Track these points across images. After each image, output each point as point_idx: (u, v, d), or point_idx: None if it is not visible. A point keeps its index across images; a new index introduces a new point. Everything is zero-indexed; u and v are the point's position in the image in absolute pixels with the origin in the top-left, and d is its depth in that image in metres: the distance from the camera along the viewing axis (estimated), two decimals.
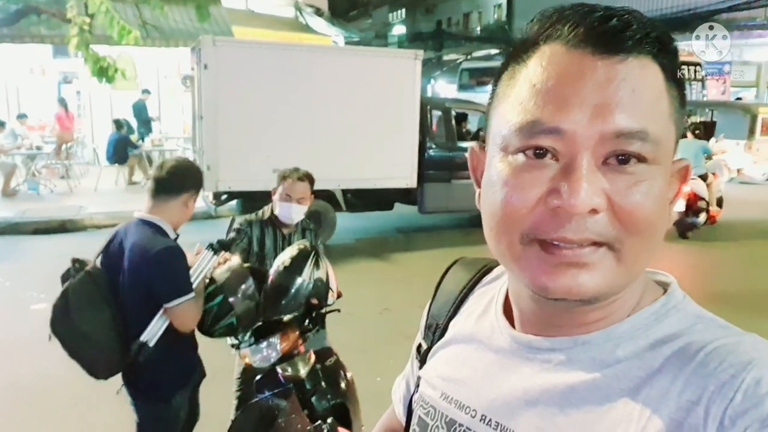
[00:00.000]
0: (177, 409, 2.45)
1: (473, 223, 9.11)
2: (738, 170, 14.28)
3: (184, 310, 2.26)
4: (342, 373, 2.62)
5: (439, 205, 8.54)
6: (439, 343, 0.81)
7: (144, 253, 2.24)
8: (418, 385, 0.82)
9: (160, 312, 2.28)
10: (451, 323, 0.81)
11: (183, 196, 2.39)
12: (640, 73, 0.56)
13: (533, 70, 0.59)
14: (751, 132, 14.03)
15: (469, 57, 26.47)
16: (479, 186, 0.68)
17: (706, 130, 15.15)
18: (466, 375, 0.73)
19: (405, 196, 8.55)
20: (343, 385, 2.58)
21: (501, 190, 0.59)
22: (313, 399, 2.41)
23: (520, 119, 0.58)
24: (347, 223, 8.53)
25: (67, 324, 2.20)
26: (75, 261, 2.29)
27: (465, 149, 9.18)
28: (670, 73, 0.58)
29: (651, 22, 0.57)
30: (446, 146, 8.58)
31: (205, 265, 2.38)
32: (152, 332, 2.27)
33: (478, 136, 9.61)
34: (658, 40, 0.57)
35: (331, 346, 2.70)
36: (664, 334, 0.60)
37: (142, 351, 2.26)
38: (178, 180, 2.39)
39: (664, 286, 0.67)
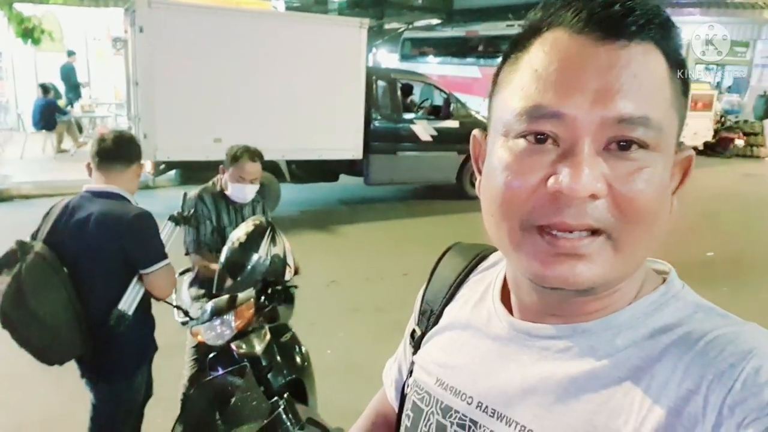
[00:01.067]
0: (138, 387, 2.42)
1: (418, 195, 9.18)
2: None
3: (162, 276, 2.27)
4: (297, 348, 2.60)
5: (384, 177, 8.55)
6: (433, 329, 0.80)
7: (118, 220, 2.19)
8: (411, 371, 0.81)
9: (135, 279, 2.25)
10: (446, 309, 0.81)
11: (134, 165, 2.37)
12: (643, 59, 0.55)
13: (535, 56, 0.58)
14: None
15: (410, 26, 26.33)
16: (480, 174, 0.67)
17: None
18: (463, 362, 0.72)
19: (350, 167, 8.51)
20: (298, 360, 2.56)
21: (501, 174, 0.59)
22: (269, 375, 2.38)
23: (522, 104, 0.57)
24: (291, 195, 8.42)
25: (21, 310, 2.08)
26: (20, 243, 2.16)
27: (410, 121, 9.25)
28: (672, 60, 0.58)
29: (655, 8, 0.57)
30: (392, 118, 8.56)
31: (167, 236, 2.42)
32: (128, 301, 2.25)
33: (423, 108, 9.62)
34: (661, 26, 0.56)
35: (286, 323, 2.66)
36: (664, 324, 0.61)
37: (122, 320, 2.22)
38: (128, 150, 2.36)
39: (663, 275, 0.67)
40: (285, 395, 2.36)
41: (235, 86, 7.23)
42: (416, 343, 0.83)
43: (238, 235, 2.34)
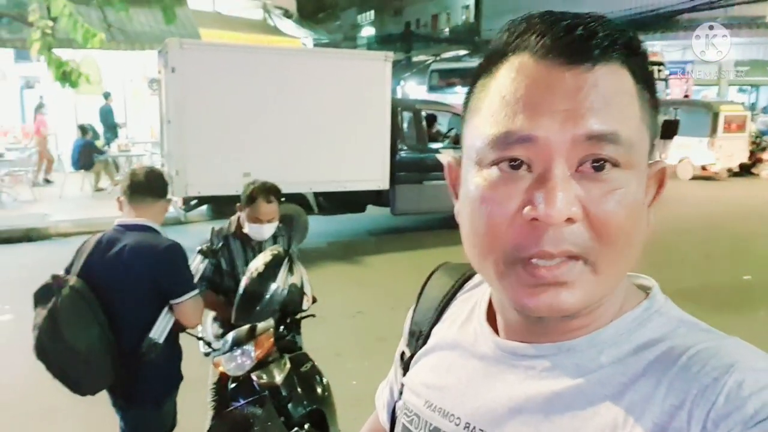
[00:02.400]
0: (167, 414, 2.46)
1: (445, 224, 9.15)
2: (702, 167, 14.65)
3: (191, 305, 2.33)
4: (318, 378, 2.60)
5: (411, 207, 8.56)
6: (422, 350, 0.81)
7: (151, 251, 2.27)
8: (401, 393, 0.81)
9: (166, 309, 2.32)
10: (434, 330, 0.81)
11: (163, 199, 2.46)
12: (610, 79, 0.56)
13: (502, 82, 0.59)
14: (713, 129, 14.38)
15: (438, 58, 26.61)
16: (457, 199, 0.68)
17: (670, 129, 15.53)
18: (450, 382, 0.72)
19: (377, 198, 8.54)
20: (319, 390, 2.56)
21: (480, 207, 0.59)
22: (289, 406, 2.40)
23: (492, 131, 0.58)
24: (319, 227, 8.49)
25: (57, 343, 2.16)
26: (55, 277, 2.25)
27: (436, 150, 9.28)
28: (640, 77, 0.58)
29: (618, 27, 0.57)
30: (417, 148, 8.61)
31: (195, 268, 2.54)
32: (159, 329, 2.31)
33: (449, 137, 9.66)
34: (626, 45, 0.57)
35: (306, 353, 2.68)
36: (647, 339, 0.61)
37: (153, 348, 2.28)
38: (159, 184, 2.45)
39: (646, 290, 0.67)
40: (305, 426, 2.36)
41: (263, 121, 7.38)
42: (405, 365, 0.83)
43: (256, 265, 2.39)
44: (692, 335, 0.60)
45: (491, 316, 0.73)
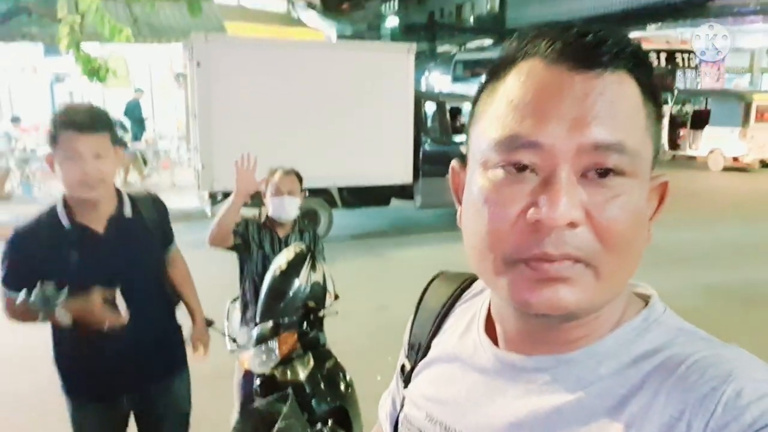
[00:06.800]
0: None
1: None
2: (734, 158, 14.33)
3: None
4: (341, 375, 2.61)
5: (435, 200, 8.52)
6: (422, 362, 0.81)
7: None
8: (403, 405, 0.81)
9: None
10: (434, 342, 0.81)
11: None
12: (617, 87, 0.57)
13: (511, 86, 0.59)
14: (746, 119, 14.05)
15: (462, 48, 26.44)
16: (460, 204, 0.68)
17: (701, 119, 15.20)
18: (451, 395, 0.72)
19: (401, 191, 8.54)
20: (342, 387, 2.57)
21: (483, 207, 0.59)
22: (313, 402, 2.41)
23: (499, 134, 0.58)
24: (343, 220, 8.52)
25: None
26: None
27: (460, 143, 9.23)
28: (646, 88, 0.59)
29: (626, 37, 0.58)
30: (441, 140, 8.57)
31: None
32: None
33: None
34: (633, 55, 0.57)
35: (329, 349, 2.69)
36: (646, 349, 0.60)
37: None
38: None
39: (645, 299, 0.67)
40: (329, 422, 2.38)
41: (287, 115, 7.42)
42: (406, 377, 0.83)
43: (279, 262, 2.40)
44: (691, 344, 0.59)
45: (490, 327, 0.72)
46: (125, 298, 2.02)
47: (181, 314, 2.44)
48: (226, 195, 7.73)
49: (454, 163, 0.72)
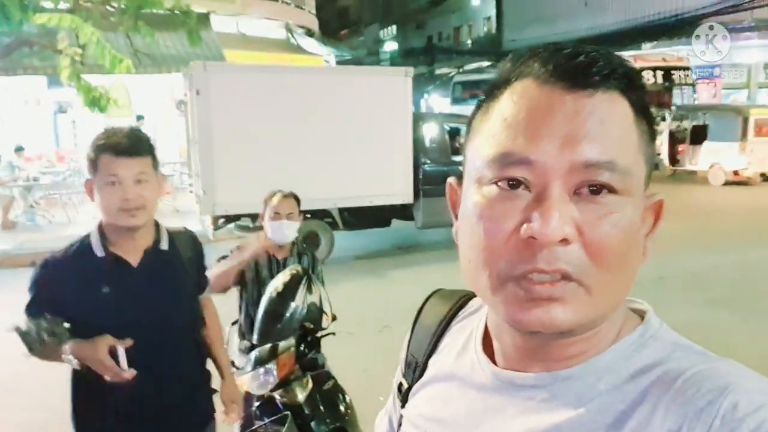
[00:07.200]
0: None
1: None
2: (734, 172, 14.35)
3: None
4: (341, 396, 2.61)
5: (436, 220, 8.53)
6: (419, 382, 0.80)
7: None
8: (401, 424, 0.81)
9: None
10: (431, 360, 0.80)
11: None
12: (609, 107, 0.58)
13: (505, 105, 0.61)
14: (744, 134, 14.10)
15: (460, 70, 26.66)
16: (457, 219, 0.69)
17: (700, 134, 15.25)
18: (449, 414, 0.72)
19: (402, 212, 8.57)
20: (342, 408, 2.57)
21: (477, 222, 0.60)
22: (312, 424, 2.41)
23: (493, 151, 0.59)
24: (345, 241, 8.53)
25: None
26: None
27: (459, 163, 9.32)
28: (638, 108, 0.60)
29: (618, 59, 0.59)
30: (441, 161, 8.62)
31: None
32: None
33: None
34: (625, 76, 0.58)
35: (329, 370, 2.69)
36: (643, 365, 0.61)
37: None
38: None
39: (641, 314, 0.67)
40: None
41: (286, 139, 7.48)
42: (404, 397, 0.82)
43: (275, 284, 2.41)
44: (687, 359, 0.60)
45: (487, 344, 0.72)
46: (154, 340, 1.83)
47: None
48: (227, 218, 7.82)
49: (450, 179, 0.73)
